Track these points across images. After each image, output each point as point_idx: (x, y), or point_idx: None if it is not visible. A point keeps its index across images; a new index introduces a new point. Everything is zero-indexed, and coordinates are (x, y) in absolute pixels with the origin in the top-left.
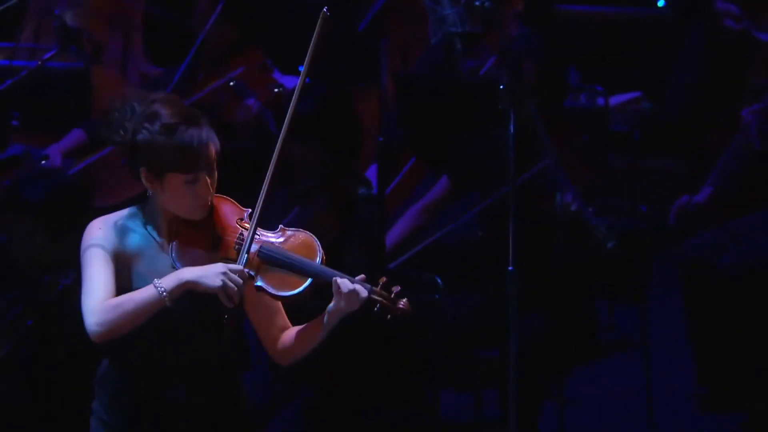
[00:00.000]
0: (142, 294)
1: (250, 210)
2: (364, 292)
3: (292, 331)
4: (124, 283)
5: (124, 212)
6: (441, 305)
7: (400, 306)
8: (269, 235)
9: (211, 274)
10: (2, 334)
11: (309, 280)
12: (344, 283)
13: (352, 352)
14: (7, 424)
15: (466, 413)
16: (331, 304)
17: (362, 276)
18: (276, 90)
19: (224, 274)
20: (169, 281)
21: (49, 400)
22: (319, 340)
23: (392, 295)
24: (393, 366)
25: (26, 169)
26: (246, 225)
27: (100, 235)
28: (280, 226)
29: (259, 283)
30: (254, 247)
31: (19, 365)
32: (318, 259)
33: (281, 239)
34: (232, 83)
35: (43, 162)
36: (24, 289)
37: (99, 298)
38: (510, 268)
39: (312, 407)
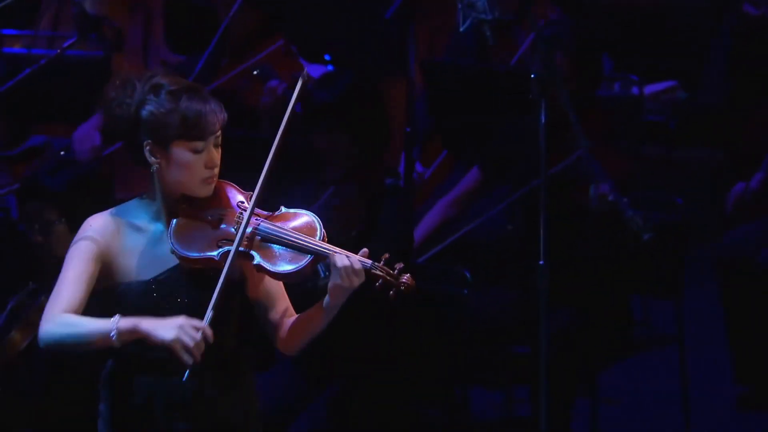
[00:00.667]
0: (97, 324)
1: (251, 193)
2: (363, 267)
3: (295, 318)
4: (122, 275)
5: (125, 204)
6: (470, 300)
7: (403, 281)
8: (270, 215)
9: (166, 325)
10: (22, 326)
11: (309, 257)
12: (342, 258)
13: (379, 348)
14: (25, 416)
15: (496, 411)
16: (330, 282)
17: (365, 250)
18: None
19: (180, 327)
20: (125, 323)
21: (65, 396)
22: (322, 324)
23: (395, 271)
24: (421, 363)
25: (47, 160)
26: (246, 205)
27: (92, 230)
28: (282, 207)
29: (257, 261)
30: (252, 227)
31: (38, 358)
32: (318, 237)
33: (281, 219)
34: (255, 72)
35: (63, 152)
36: (43, 281)
37: (60, 308)
38: (541, 261)
39: (338, 405)
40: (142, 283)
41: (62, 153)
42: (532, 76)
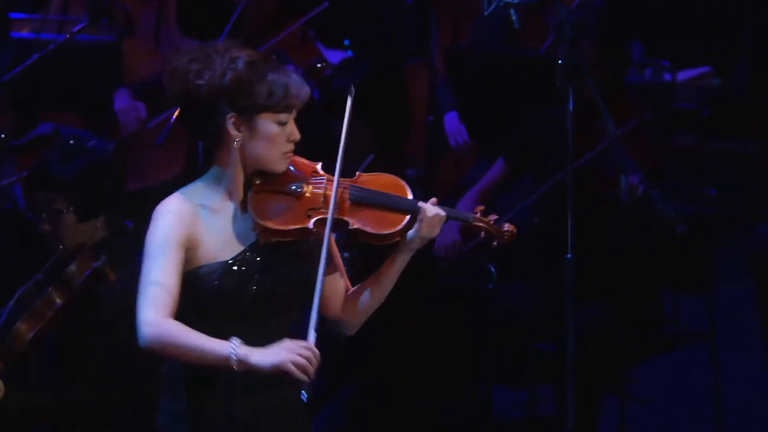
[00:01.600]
0: (211, 345)
1: (321, 163)
2: (465, 220)
3: (355, 290)
4: (201, 258)
5: (191, 186)
6: (494, 295)
7: (506, 230)
8: (351, 180)
9: (272, 351)
10: (28, 317)
11: (407, 215)
12: (430, 205)
13: (400, 345)
14: (36, 411)
15: (520, 410)
16: (411, 232)
17: (434, 200)
18: (319, 65)
19: (288, 349)
20: (242, 352)
21: (78, 390)
22: (389, 285)
23: (492, 222)
24: (443, 360)
25: (56, 148)
26: (322, 174)
27: (172, 216)
28: (357, 172)
29: (355, 226)
30: (342, 191)
31: (48, 350)
32: (409, 194)
33: (365, 182)
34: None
35: (72, 141)
36: (50, 272)
37: (160, 308)
38: (568, 255)
39: (358, 403)
40: (222, 264)
41: (72, 142)
42: (559, 62)
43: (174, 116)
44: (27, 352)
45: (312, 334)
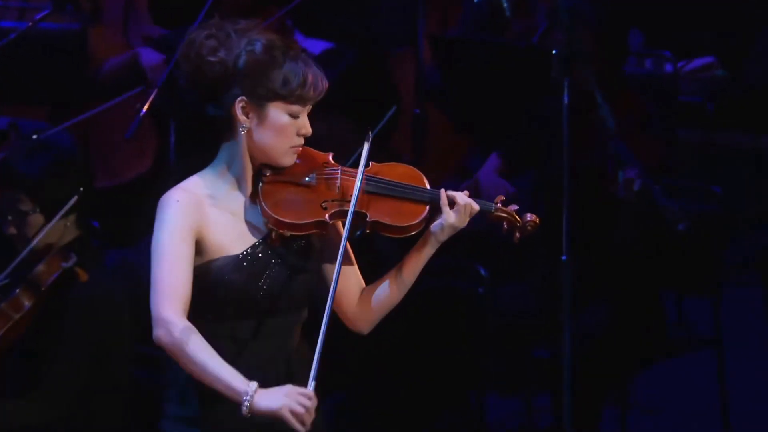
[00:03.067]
0: (225, 374)
1: (332, 153)
2: (487, 210)
3: (373, 285)
4: (211, 252)
5: (195, 177)
6: (486, 299)
7: (528, 220)
8: (365, 171)
9: (271, 394)
10: None
11: (426, 205)
12: (462, 196)
13: (390, 352)
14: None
15: (514, 420)
16: (436, 223)
17: (466, 192)
18: None
19: (287, 395)
20: (257, 399)
21: (44, 396)
22: (410, 280)
23: (514, 212)
24: (432, 367)
25: (18, 143)
26: (334, 165)
27: (179, 207)
28: (370, 162)
29: (373, 219)
30: (358, 182)
31: (12, 354)
32: (426, 185)
33: (380, 172)
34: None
35: (35, 136)
36: (18, 274)
37: (173, 305)
38: (563, 257)
39: (345, 413)
40: (234, 258)
41: (34, 137)
42: (554, 52)
43: (144, 108)
44: None
45: (311, 384)
